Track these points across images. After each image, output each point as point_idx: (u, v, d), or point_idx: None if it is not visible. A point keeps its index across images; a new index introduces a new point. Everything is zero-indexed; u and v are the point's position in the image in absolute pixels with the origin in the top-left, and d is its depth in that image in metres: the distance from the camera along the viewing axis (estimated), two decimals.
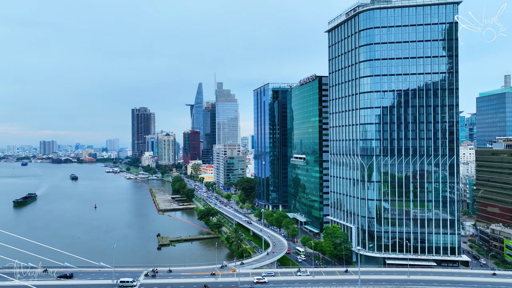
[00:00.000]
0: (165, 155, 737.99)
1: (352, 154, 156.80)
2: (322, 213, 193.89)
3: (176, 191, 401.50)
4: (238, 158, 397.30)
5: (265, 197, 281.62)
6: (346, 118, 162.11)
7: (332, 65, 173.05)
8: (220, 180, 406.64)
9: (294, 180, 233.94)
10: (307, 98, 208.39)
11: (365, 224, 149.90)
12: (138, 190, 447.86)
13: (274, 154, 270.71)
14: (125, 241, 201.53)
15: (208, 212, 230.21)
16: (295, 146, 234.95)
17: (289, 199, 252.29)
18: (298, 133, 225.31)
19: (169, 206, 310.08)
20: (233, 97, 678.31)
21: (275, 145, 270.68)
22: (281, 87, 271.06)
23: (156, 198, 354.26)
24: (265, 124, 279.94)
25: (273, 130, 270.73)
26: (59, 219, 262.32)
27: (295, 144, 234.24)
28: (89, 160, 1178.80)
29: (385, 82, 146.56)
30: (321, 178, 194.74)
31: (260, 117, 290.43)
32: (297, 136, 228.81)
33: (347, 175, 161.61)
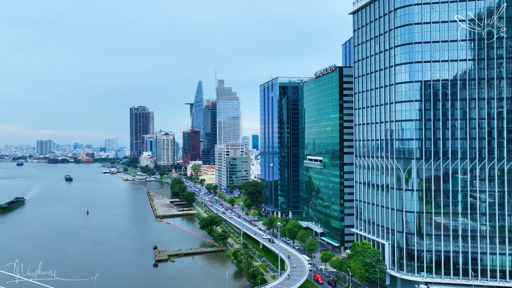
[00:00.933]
0: (164, 155, 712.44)
1: (384, 156, 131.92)
2: (343, 224, 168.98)
3: (176, 194, 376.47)
4: (242, 159, 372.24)
5: (273, 202, 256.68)
6: (376, 114, 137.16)
7: (358, 53, 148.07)
8: (222, 183, 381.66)
9: (307, 185, 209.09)
10: (324, 92, 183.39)
11: (402, 241, 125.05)
12: (135, 192, 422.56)
13: (283, 155, 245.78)
14: (117, 256, 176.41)
15: (212, 221, 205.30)
16: (308, 147, 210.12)
17: (300, 206, 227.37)
18: (313, 132, 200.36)
19: (167, 211, 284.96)
20: (234, 95, 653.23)
21: (284, 145, 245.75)
22: (291, 82, 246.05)
23: (154, 202, 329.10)
24: (273, 122, 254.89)
25: (282, 128, 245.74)
26: (45, 227, 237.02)
27: (308, 144, 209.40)
28: (87, 160, 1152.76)
29: (427, 70, 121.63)
30: (342, 184, 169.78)
31: (267, 114, 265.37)
32: (311, 135, 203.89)
33: (378, 181, 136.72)
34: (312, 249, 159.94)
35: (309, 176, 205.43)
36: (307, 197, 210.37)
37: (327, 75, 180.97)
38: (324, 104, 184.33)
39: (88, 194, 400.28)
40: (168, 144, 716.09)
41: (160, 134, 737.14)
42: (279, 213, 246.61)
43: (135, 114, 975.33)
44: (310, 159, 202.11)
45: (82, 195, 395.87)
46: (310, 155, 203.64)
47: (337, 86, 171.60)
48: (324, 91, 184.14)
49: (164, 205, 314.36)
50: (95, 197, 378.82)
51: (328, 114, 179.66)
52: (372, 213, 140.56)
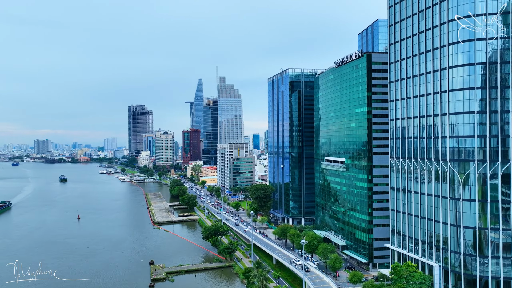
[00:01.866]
0: (163, 155, 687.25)
1: (433, 158, 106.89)
2: (371, 237, 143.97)
3: (175, 197, 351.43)
4: (246, 159, 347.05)
5: (283, 208, 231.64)
6: (421, 106, 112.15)
7: (396, 32, 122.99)
8: (225, 185, 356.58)
9: (325, 189, 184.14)
10: (348, 83, 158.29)
11: (458, 264, 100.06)
12: (132, 195, 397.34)
13: (294, 156, 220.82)
14: (107, 273, 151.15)
15: (216, 231, 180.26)
16: (324, 146, 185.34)
17: (315, 212, 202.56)
18: (332, 130, 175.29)
19: (166, 217, 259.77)
20: (236, 92, 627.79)
21: (295, 145, 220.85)
22: (304, 74, 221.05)
23: (151, 206, 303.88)
24: (283, 119, 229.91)
25: (293, 126, 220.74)
26: (29, 236, 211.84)
27: (325, 144, 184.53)
28: (84, 160, 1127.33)
29: (493, 49, 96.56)
30: (370, 190, 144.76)
31: (277, 110, 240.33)
32: (329, 133, 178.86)
33: (423, 189, 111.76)
34: (337, 267, 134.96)
35: (327, 180, 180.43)
36: (324, 203, 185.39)
37: (351, 63, 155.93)
38: (347, 97, 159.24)
39: (81, 197, 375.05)
40: (167, 143, 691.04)
41: (159, 133, 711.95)
42: (290, 220, 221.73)
43: (133, 113, 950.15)
44: (329, 160, 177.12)
45: (75, 197, 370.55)
46: (328, 156, 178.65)
47: (364, 75, 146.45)
48: (347, 82, 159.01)
49: (163, 209, 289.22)
50: (89, 200, 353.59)
51: (353, 108, 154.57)
52: (414, 227, 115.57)
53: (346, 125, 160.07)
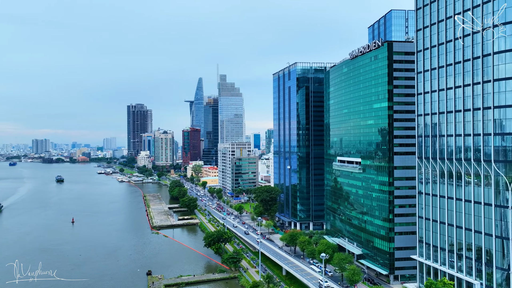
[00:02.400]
0: (162, 154, 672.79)
1: (472, 158, 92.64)
2: (392, 246, 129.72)
3: (175, 199, 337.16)
4: (249, 159, 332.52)
5: (289, 211, 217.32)
6: (457, 99, 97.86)
7: (425, 17, 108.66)
8: (227, 186, 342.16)
9: (336, 192, 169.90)
10: (365, 76, 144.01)
11: (505, 282, 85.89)
12: (130, 196, 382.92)
13: (302, 156, 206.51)
14: (100, 285, 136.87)
15: (219, 237, 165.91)
16: (335, 145, 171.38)
17: (326, 217, 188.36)
18: (346, 127, 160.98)
19: (165, 220, 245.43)
20: (237, 91, 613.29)
21: (303, 144, 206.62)
22: (314, 68, 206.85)
23: (150, 208, 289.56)
24: (290, 117, 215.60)
25: (301, 124, 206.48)
26: (18, 243, 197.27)
27: (336, 143, 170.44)
28: (82, 160, 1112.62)
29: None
30: (391, 193, 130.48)
31: (283, 107, 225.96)
32: (342, 131, 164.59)
33: (460, 194, 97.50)
34: (355, 280, 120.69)
35: (340, 182, 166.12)
36: (336, 207, 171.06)
37: (368, 54, 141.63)
38: (364, 91, 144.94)
39: (78, 198, 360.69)
40: (166, 143, 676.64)
41: (158, 132, 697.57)
42: (298, 225, 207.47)
43: (132, 112, 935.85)
44: (342, 160, 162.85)
45: (71, 199, 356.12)
46: (341, 156, 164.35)
47: (384, 66, 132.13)
48: (364, 75, 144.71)
49: (162, 212, 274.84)
50: (85, 202, 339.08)
51: (371, 104, 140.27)
52: (448, 237, 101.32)
53: (363, 122, 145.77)
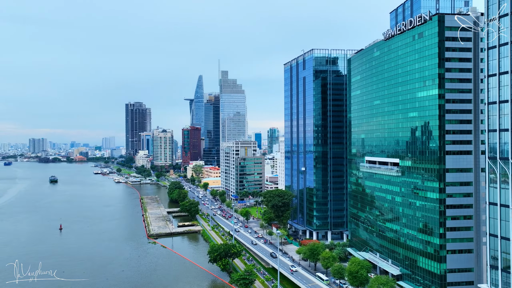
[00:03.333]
0: (161, 154, 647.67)
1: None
2: (444, 267, 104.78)
3: (174, 202, 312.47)
4: (255, 159, 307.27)
5: (304, 218, 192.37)
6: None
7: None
8: (231, 188, 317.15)
9: (364, 198, 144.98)
10: (405, 58, 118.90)
11: None
12: (126, 199, 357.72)
13: (319, 156, 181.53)
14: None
15: (227, 252, 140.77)
16: (362, 143, 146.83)
17: (349, 226, 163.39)
18: (377, 122, 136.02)
19: (164, 227, 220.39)
20: (240, 87, 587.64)
21: (320, 143, 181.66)
22: (332, 57, 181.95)
23: (147, 213, 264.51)
24: (305, 111, 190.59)
25: (319, 119, 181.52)
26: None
27: (364, 140, 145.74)
28: (80, 160, 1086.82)
29: None
30: (443, 202, 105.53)
31: (296, 101, 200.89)
32: (372, 126, 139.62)
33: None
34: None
35: (369, 186, 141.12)
36: (363, 217, 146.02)
37: (410, 32, 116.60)
38: (403, 77, 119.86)
39: (70, 201, 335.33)
40: (165, 142, 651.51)
41: (157, 131, 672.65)
42: (314, 234, 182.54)
43: (131, 110, 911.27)
44: (372, 161, 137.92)
45: (63, 202, 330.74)
46: (371, 156, 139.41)
47: (434, 45, 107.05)
48: (404, 57, 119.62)
49: (160, 217, 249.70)
50: (77, 205, 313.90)
51: (414, 92, 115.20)
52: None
53: (403, 115, 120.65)
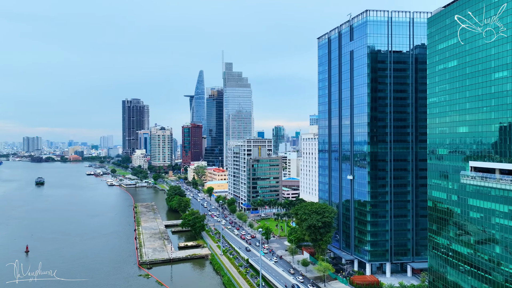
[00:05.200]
0: (160, 154, 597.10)
1: None
2: None
3: (174, 211, 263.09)
4: (270, 160, 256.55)
5: (351, 243, 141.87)
6: None
7: None
8: (241, 194, 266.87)
9: (461, 223, 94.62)
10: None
11: None
12: (117, 207, 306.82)
13: (375, 160, 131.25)
14: None
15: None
16: (448, 141, 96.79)
17: (429, 262, 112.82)
18: (496, 108, 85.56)
19: (160, 250, 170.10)
20: (245, 81, 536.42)
21: (376, 141, 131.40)
22: (395, 21, 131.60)
23: (141, 227, 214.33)
24: (353, 98, 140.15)
25: (376, 110, 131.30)
26: None
27: (460, 137, 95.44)
28: (74, 159, 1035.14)
29: None
30: None
31: (338, 85, 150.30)
32: (484, 115, 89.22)
33: None
34: None
35: (478, 208, 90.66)
36: (462, 253, 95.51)
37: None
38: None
39: (51, 210, 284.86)
40: (164, 140, 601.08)
41: (155, 128, 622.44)
42: (368, 266, 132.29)
43: (128, 107, 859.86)
44: (484, 169, 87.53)
45: (42, 211, 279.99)
46: (480, 160, 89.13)
47: None
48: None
49: (156, 234, 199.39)
50: (58, 215, 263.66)
51: None
52: None
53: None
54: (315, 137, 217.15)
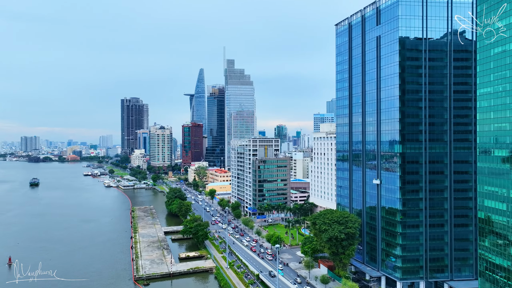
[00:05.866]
0: (159, 154, 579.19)
1: None
2: None
3: (174, 216, 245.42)
4: (278, 161, 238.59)
5: (378, 257, 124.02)
6: None
7: None
8: (246, 198, 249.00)
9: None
10: None
11: None
12: (114, 210, 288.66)
13: (406, 161, 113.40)
14: None
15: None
16: (500, 141, 78.95)
17: (480, 284, 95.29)
18: None
19: (159, 262, 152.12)
20: (248, 78, 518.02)
21: (408, 140, 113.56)
22: (433, 1, 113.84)
23: (138, 234, 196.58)
24: (380, 90, 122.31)
25: (408, 104, 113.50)
26: None
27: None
28: (72, 159, 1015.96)
29: None
30: None
31: (362, 75, 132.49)
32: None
33: None
34: None
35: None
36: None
37: None
38: None
39: (42, 214, 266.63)
40: (164, 140, 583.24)
41: (155, 128, 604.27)
42: (398, 285, 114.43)
43: (127, 106, 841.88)
44: None
45: (32, 215, 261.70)
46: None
47: None
48: None
49: (155, 242, 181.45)
50: (50, 220, 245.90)
51: None
52: None
53: None
54: (328, 136, 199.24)
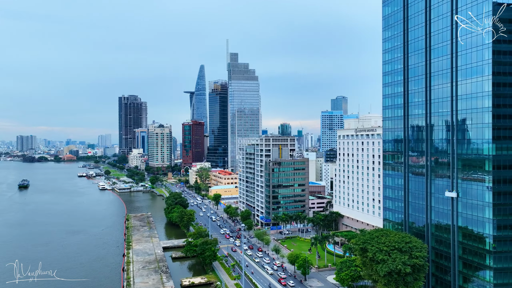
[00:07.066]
0: (158, 153, 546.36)
1: None
2: None
3: (174, 226, 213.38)
4: (295, 163, 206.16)
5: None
6: None
7: None
8: (257, 205, 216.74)
9: None
10: None
11: None
12: (106, 218, 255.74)
13: (501, 168, 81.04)
14: None
15: None
16: None
17: None
18: None
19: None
20: (252, 73, 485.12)
21: (506, 139, 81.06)
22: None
23: (131, 250, 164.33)
24: (456, 71, 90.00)
25: (503, 90, 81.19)
26: None
27: None
28: (69, 159, 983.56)
29: None
30: None
31: (427, 55, 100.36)
32: None
33: None
34: None
35: None
36: None
37: None
38: None
39: (23, 224, 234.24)
40: (163, 139, 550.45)
41: (153, 126, 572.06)
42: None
43: (124, 104, 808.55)
44: None
45: (11, 226, 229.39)
46: None
47: None
48: None
49: (152, 262, 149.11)
50: (30, 231, 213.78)
51: None
52: None
53: None
54: (358, 133, 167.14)
